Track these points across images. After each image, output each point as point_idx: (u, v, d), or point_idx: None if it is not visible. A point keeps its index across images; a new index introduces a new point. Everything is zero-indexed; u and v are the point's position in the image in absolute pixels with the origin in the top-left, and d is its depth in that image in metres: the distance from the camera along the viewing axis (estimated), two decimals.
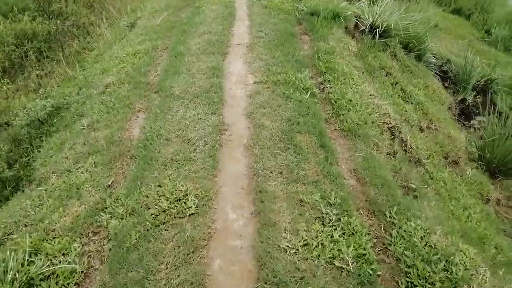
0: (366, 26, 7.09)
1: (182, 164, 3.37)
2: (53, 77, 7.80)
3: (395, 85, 6.38)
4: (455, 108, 7.62)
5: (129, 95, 4.65)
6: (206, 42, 5.71)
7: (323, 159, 3.47)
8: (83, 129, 4.22)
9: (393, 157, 3.92)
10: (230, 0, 7.49)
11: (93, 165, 3.56)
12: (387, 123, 4.30)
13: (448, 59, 9.08)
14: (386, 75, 6.53)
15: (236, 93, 4.61)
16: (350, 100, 4.55)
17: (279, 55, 5.45)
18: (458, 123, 7.15)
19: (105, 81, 5.13)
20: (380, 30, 6.96)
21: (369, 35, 7.11)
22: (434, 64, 8.33)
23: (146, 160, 3.46)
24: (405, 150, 4.39)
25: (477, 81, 7.96)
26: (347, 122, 4.13)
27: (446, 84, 8.30)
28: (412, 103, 6.13)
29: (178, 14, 7.18)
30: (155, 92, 4.67)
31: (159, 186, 3.14)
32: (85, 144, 3.92)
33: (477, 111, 7.83)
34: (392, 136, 4.25)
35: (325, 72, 5.18)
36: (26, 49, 8.22)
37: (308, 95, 4.56)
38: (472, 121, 7.70)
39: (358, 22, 7.15)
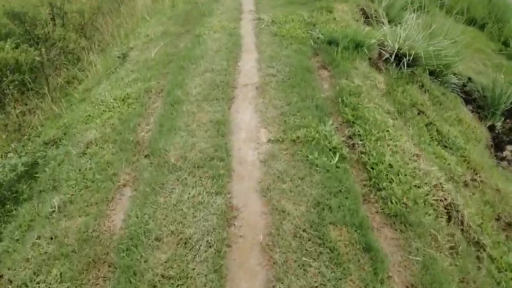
0: (391, 55, 6.19)
1: (177, 286, 2.44)
2: (37, 113, 6.93)
3: (430, 126, 5.46)
4: (491, 146, 6.73)
5: (114, 160, 3.73)
6: (209, 84, 4.80)
7: (370, 273, 2.53)
8: (53, 211, 3.29)
9: (456, 254, 2.97)
10: (235, 26, 6.59)
11: (58, 279, 2.63)
12: (441, 200, 3.35)
13: (469, 77, 8.19)
14: (418, 113, 5.62)
15: (246, 156, 3.68)
16: (390, 165, 3.61)
17: (296, 99, 4.53)
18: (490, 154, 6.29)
19: (87, 136, 4.22)
20: (409, 59, 6.05)
21: (394, 64, 6.21)
22: (456, 85, 7.46)
23: (128, 276, 2.53)
24: (462, 230, 3.45)
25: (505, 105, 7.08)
26: (392, 202, 3.19)
27: (470, 108, 7.44)
28: (451, 149, 5.22)
29: (176, 44, 6.28)
30: (146, 156, 3.75)
31: None
32: (52, 239, 2.99)
33: (507, 139, 6.96)
34: (448, 217, 3.30)
35: (353, 122, 4.26)
36: (8, 82, 7.34)
37: (336, 159, 3.63)
38: (504, 152, 6.82)
39: (382, 51, 6.24)
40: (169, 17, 7.55)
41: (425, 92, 6.46)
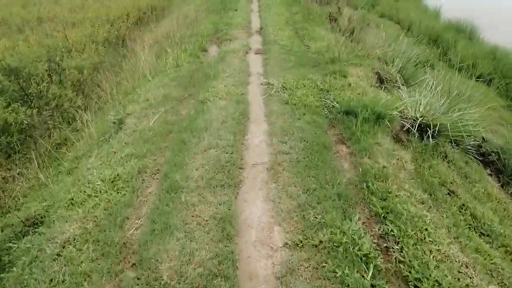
0: (413, 125, 5.62)
1: None
2: (20, 182, 6.27)
3: (463, 209, 4.77)
4: None
5: (92, 270, 2.99)
6: (212, 165, 4.16)
7: None
8: None
9: None
10: (242, 92, 6.07)
11: None
12: None
13: (482, 137, 7.57)
14: (449, 193, 4.94)
15: (257, 269, 2.95)
16: (438, 282, 2.88)
17: (314, 186, 3.87)
18: None
19: (65, 232, 3.51)
20: (435, 132, 5.47)
21: (416, 135, 5.63)
22: (471, 146, 6.81)
23: None
24: None
25: None
26: None
27: (489, 171, 6.74)
28: (490, 237, 4.50)
29: (178, 111, 5.72)
30: (132, 266, 3.02)
31: None
32: None
33: None
34: None
35: (384, 218, 3.57)
36: None
37: (371, 273, 2.89)
38: None
39: (404, 122, 5.66)
40: (172, 78, 7.06)
41: (449, 164, 5.82)
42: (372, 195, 3.87)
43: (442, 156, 5.81)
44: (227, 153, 4.39)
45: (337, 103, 5.68)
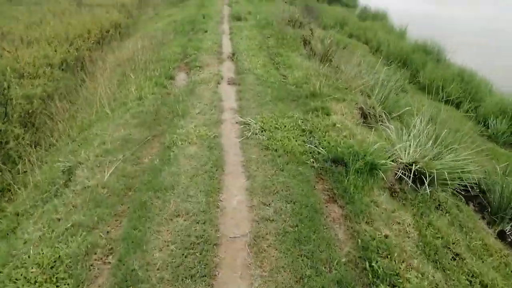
0: (406, 174, 5.04)
1: None
2: None
3: (472, 277, 4.17)
4: None
5: None
6: (181, 243, 3.33)
7: None
8: None
9: None
10: (215, 134, 5.28)
11: None
12: None
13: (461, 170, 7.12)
14: (453, 258, 4.34)
15: None
16: None
17: (309, 272, 3.15)
18: None
19: None
20: (432, 181, 4.91)
21: (409, 183, 5.05)
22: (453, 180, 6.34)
23: None
24: None
25: None
26: None
27: (471, 206, 6.29)
28: None
29: (139, 158, 4.86)
30: None
31: None
32: None
33: None
34: None
35: None
36: None
37: None
38: None
39: (396, 170, 5.06)
40: (133, 114, 6.18)
41: (444, 213, 5.26)
42: (378, 279, 3.18)
43: (436, 205, 5.27)
44: (198, 222, 3.58)
45: (322, 148, 5.01)
